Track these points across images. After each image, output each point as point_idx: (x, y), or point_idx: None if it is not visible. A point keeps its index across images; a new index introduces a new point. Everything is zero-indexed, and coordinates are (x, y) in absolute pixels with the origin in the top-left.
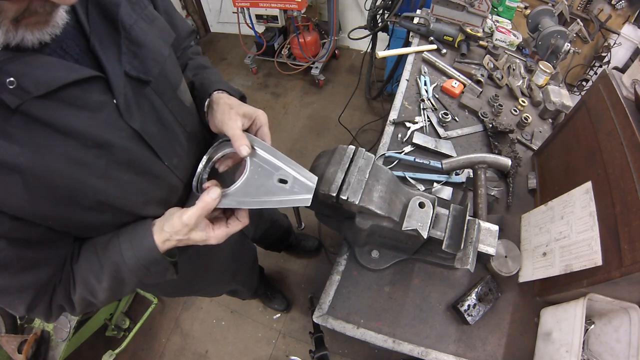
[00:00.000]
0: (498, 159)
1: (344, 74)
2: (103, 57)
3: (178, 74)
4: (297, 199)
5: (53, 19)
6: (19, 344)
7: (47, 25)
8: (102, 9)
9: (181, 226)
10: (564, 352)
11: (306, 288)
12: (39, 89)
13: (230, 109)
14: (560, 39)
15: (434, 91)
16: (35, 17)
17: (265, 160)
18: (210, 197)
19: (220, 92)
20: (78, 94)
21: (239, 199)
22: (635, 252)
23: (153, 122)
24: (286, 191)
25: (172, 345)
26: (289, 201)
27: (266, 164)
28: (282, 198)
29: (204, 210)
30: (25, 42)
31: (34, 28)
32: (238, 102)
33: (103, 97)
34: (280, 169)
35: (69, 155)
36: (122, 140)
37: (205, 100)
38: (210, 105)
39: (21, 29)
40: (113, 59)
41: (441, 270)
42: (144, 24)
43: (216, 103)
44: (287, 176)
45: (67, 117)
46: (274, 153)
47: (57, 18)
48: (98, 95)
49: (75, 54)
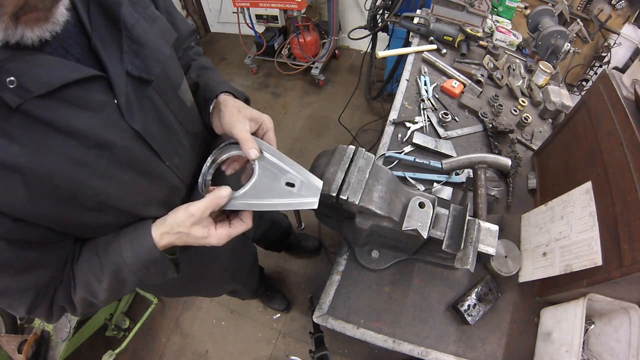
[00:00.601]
0: (498, 159)
1: (344, 74)
2: (104, 57)
3: (179, 73)
4: (304, 202)
5: (53, 15)
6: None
7: (47, 21)
8: (104, 8)
9: (186, 217)
10: (564, 352)
11: (306, 288)
12: (39, 88)
13: (239, 112)
14: (560, 39)
15: (434, 91)
16: (35, 13)
17: (272, 163)
18: (222, 193)
19: (226, 95)
20: (79, 93)
21: (247, 201)
22: (635, 252)
23: (154, 122)
24: (293, 194)
25: (172, 345)
26: (296, 204)
27: (274, 167)
28: (290, 201)
29: (212, 203)
30: (25, 40)
31: (33, 25)
32: (245, 106)
33: (104, 97)
34: (287, 173)
35: (69, 155)
36: (123, 140)
37: (211, 102)
38: (216, 106)
39: (21, 26)
40: (114, 59)
41: (441, 270)
42: (145, 24)
43: (224, 105)
44: (295, 179)
45: (67, 117)
46: (281, 157)
47: (57, 15)
48: (99, 95)
49: (77, 53)
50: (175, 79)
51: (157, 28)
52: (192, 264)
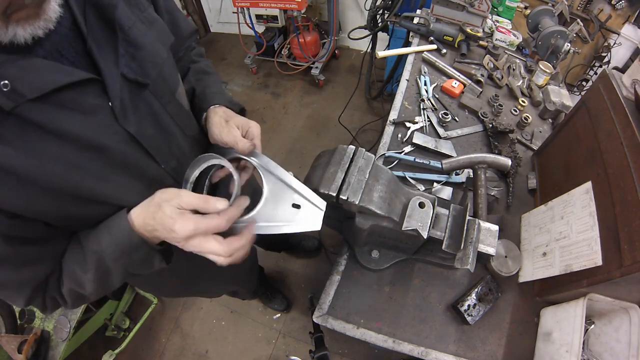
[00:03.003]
0: (498, 159)
1: (344, 74)
2: (100, 60)
3: (177, 77)
4: (307, 225)
5: (44, 12)
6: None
7: (38, 18)
8: (100, 11)
9: (172, 194)
10: (564, 352)
11: (306, 288)
12: (32, 92)
13: (227, 122)
14: (560, 39)
15: (434, 91)
16: (25, 11)
17: (279, 184)
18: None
19: (216, 107)
20: (73, 97)
21: (258, 224)
22: (635, 252)
23: (150, 125)
24: (299, 217)
25: (172, 345)
26: (301, 227)
27: (281, 188)
28: (295, 224)
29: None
30: (18, 38)
31: (25, 23)
32: (233, 114)
33: (98, 100)
34: (294, 194)
35: (64, 158)
36: (117, 144)
37: (203, 113)
38: (207, 118)
39: (12, 25)
40: (110, 62)
41: (441, 270)
42: (142, 26)
43: (213, 117)
44: (301, 201)
45: (61, 121)
46: (286, 176)
47: (49, 12)
48: (93, 98)
49: (72, 56)
50: (173, 82)
51: (155, 31)
52: (190, 265)
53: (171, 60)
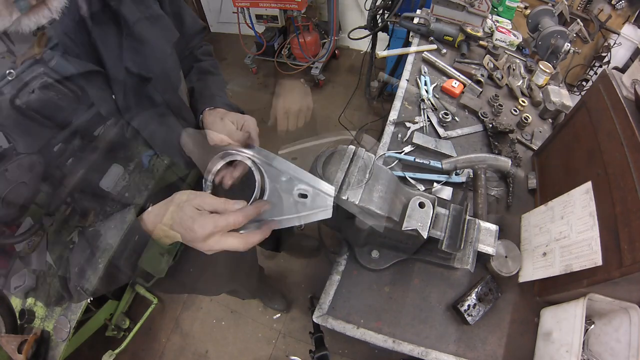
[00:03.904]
0: (498, 159)
1: (344, 74)
2: (104, 52)
3: (180, 74)
4: (318, 213)
5: (50, 1)
6: (19, 344)
7: (42, 7)
8: (105, 5)
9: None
10: (564, 352)
11: (306, 288)
12: (36, 81)
13: (221, 120)
14: (560, 39)
15: (434, 91)
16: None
17: (282, 174)
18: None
19: (211, 110)
20: (76, 88)
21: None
22: (635, 252)
23: (152, 119)
24: (307, 206)
25: (172, 345)
26: (311, 216)
27: (284, 180)
28: (304, 214)
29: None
30: (23, 27)
31: (29, 12)
32: (226, 112)
33: (101, 93)
34: (299, 183)
35: (65, 149)
36: (119, 137)
37: (199, 114)
38: (203, 120)
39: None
40: (114, 55)
41: (441, 270)
42: (147, 22)
43: (208, 116)
44: (307, 190)
45: (64, 111)
46: (289, 166)
47: (54, 1)
48: (97, 90)
49: (77, 48)
50: (176, 78)
51: (159, 27)
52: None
53: (175, 57)
